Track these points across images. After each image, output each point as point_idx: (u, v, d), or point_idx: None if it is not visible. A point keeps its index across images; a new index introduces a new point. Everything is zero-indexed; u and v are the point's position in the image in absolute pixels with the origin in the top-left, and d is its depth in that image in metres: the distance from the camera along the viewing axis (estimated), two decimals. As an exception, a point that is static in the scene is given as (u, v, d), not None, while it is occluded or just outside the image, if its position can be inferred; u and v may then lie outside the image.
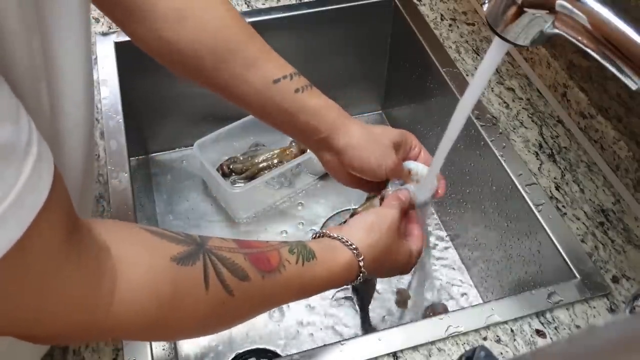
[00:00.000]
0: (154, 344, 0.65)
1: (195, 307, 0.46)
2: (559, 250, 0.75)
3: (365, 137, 0.66)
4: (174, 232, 0.47)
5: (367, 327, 0.90)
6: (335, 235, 0.60)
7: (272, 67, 0.65)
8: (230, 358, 0.87)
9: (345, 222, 0.67)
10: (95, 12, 1.02)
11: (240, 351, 0.88)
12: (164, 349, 0.66)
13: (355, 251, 0.59)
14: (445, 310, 0.91)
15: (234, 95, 0.66)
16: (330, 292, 0.94)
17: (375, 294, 0.91)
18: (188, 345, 0.88)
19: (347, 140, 0.66)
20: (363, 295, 0.86)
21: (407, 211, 0.68)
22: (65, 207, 0.38)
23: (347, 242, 0.59)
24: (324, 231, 0.62)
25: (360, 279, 0.60)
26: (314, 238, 0.62)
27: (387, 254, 0.63)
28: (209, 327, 0.52)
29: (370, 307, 0.90)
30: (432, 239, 1.03)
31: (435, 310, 0.92)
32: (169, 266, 0.44)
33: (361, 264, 0.59)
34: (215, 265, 0.47)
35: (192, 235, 0.48)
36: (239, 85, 0.65)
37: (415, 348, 0.65)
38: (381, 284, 0.95)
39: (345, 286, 0.62)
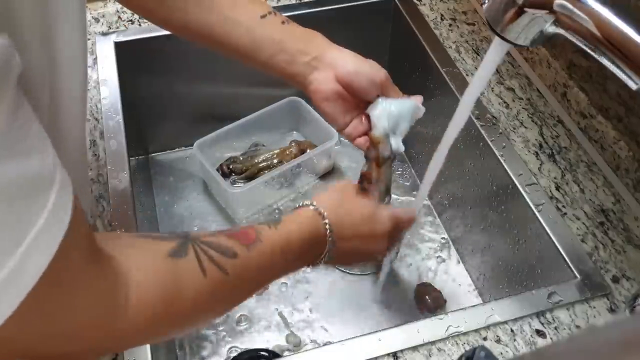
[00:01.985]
0: (153, 344, 0.65)
1: (197, 294, 0.48)
2: (559, 250, 0.74)
3: (356, 57, 0.71)
4: (156, 233, 0.50)
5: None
6: (307, 202, 0.63)
7: (254, 6, 0.70)
8: (230, 358, 0.87)
9: None
10: (95, 12, 1.02)
11: (240, 351, 0.88)
12: (163, 350, 0.65)
13: (313, 205, 0.62)
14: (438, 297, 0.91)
15: (222, 40, 0.69)
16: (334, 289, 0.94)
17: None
18: (188, 345, 0.88)
19: (339, 54, 0.70)
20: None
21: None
22: (85, 226, 0.40)
23: (304, 202, 0.63)
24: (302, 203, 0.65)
25: (329, 232, 0.62)
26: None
27: (351, 211, 0.65)
28: (214, 311, 0.54)
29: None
30: (431, 239, 1.03)
31: (427, 291, 0.92)
32: (167, 262, 0.46)
33: (325, 213, 0.61)
34: (205, 251, 0.49)
35: (179, 232, 0.51)
36: (226, 26, 0.68)
37: (415, 348, 0.65)
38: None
39: (322, 243, 0.62)
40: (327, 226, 0.62)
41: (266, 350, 0.87)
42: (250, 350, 0.86)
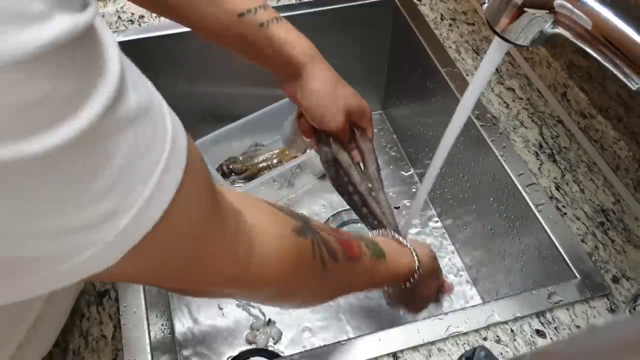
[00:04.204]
0: (153, 344, 0.65)
1: (307, 272, 0.50)
2: (559, 250, 0.74)
3: (325, 88, 0.69)
4: (285, 207, 0.51)
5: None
6: (405, 243, 0.67)
7: (236, 1, 0.66)
8: (231, 358, 0.87)
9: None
10: (95, 12, 1.02)
11: (240, 352, 0.88)
12: (163, 350, 0.66)
13: (416, 260, 0.66)
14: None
15: (201, 29, 0.67)
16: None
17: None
18: (188, 346, 0.88)
19: (308, 83, 0.68)
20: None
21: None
22: (204, 168, 0.38)
23: (413, 250, 0.66)
24: (393, 234, 0.68)
25: (409, 284, 0.67)
26: (378, 234, 0.69)
27: (429, 277, 0.71)
28: (312, 294, 0.56)
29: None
30: (432, 240, 1.03)
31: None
32: (292, 236, 0.48)
33: (417, 273, 0.66)
34: (318, 242, 0.51)
35: (297, 212, 0.52)
36: (205, 18, 0.66)
37: (415, 348, 0.65)
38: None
39: (406, 279, 0.67)
40: (412, 280, 0.66)
41: (266, 350, 0.87)
42: (250, 351, 0.87)
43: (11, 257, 0.28)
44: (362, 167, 0.77)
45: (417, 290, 0.70)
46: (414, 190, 1.10)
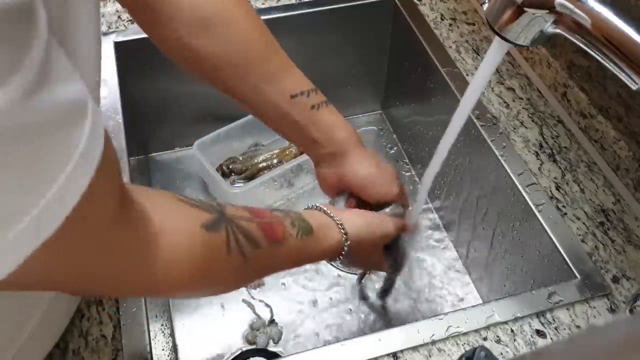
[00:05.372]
0: (153, 344, 0.65)
1: (221, 269, 0.50)
2: (559, 250, 0.74)
3: (374, 167, 0.71)
4: (197, 200, 0.50)
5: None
6: (332, 215, 0.65)
7: (290, 82, 0.67)
8: (230, 359, 0.87)
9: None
10: (95, 12, 1.02)
11: (240, 352, 0.88)
12: (163, 350, 0.66)
13: (345, 236, 0.64)
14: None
15: (251, 106, 0.69)
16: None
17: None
18: (188, 346, 0.88)
19: (356, 167, 0.70)
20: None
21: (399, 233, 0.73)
22: (116, 171, 0.38)
23: (341, 225, 0.64)
24: (322, 207, 0.66)
25: (338, 260, 0.65)
26: (309, 209, 0.67)
27: (367, 246, 0.68)
28: (229, 287, 0.57)
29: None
30: (431, 238, 1.03)
31: None
32: (201, 232, 0.47)
33: (345, 248, 0.64)
34: (235, 233, 0.50)
35: (212, 203, 0.52)
36: (257, 98, 0.67)
37: (415, 348, 0.65)
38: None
39: (336, 252, 0.65)
40: (340, 257, 0.65)
41: (266, 350, 0.87)
42: (250, 351, 0.87)
43: None
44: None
45: (358, 258, 0.69)
46: (413, 189, 1.10)
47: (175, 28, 0.63)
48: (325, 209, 0.65)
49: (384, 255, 0.73)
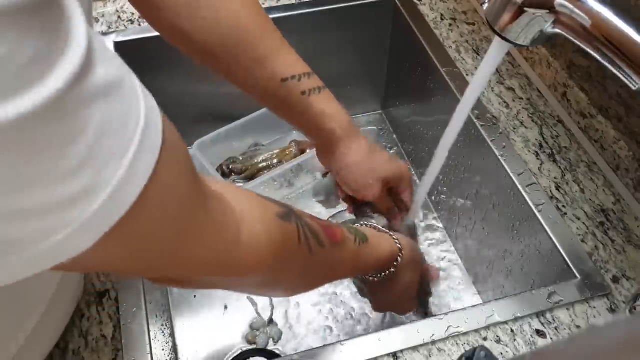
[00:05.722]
0: (153, 344, 0.65)
1: (294, 259, 0.50)
2: (559, 250, 0.74)
3: (360, 162, 0.70)
4: (263, 195, 0.50)
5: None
6: (386, 230, 0.67)
7: (281, 65, 0.66)
8: (231, 359, 0.87)
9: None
10: (95, 12, 1.02)
11: (240, 352, 0.88)
12: (163, 349, 0.66)
13: (398, 244, 0.66)
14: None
15: (245, 89, 0.68)
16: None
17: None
18: (188, 346, 0.88)
19: (344, 157, 0.69)
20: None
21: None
22: (184, 152, 0.37)
23: (393, 235, 0.66)
24: (372, 224, 0.68)
25: (393, 269, 0.66)
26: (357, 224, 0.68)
27: (411, 265, 0.69)
28: (301, 282, 0.57)
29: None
30: (431, 238, 1.03)
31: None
32: (277, 220, 0.47)
33: (400, 256, 0.65)
34: (303, 227, 0.51)
35: (279, 201, 0.52)
36: (248, 79, 0.66)
37: (415, 348, 0.65)
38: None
39: (388, 267, 0.67)
40: (395, 265, 0.66)
41: (266, 350, 0.87)
42: (250, 351, 0.87)
43: None
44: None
45: (400, 281, 0.69)
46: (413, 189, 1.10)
47: (165, 10, 0.63)
48: (376, 224, 0.67)
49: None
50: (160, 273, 0.41)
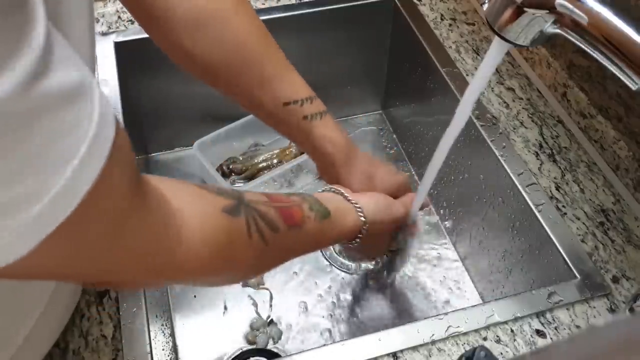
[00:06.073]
0: (153, 344, 0.65)
1: (243, 254, 0.50)
2: (559, 250, 0.74)
3: (361, 184, 0.71)
4: (215, 186, 0.50)
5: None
6: (349, 198, 0.65)
7: (284, 89, 0.66)
8: (230, 359, 0.87)
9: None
10: (95, 12, 1.02)
11: (240, 352, 0.88)
12: (163, 349, 0.66)
13: (363, 219, 0.64)
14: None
15: (247, 108, 0.70)
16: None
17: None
18: (188, 346, 0.88)
19: (345, 183, 0.70)
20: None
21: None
22: (130, 157, 0.37)
23: (359, 209, 0.64)
24: (339, 189, 0.66)
25: (354, 242, 0.66)
26: (323, 190, 0.67)
27: (381, 228, 0.68)
28: (249, 272, 0.57)
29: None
30: (431, 238, 1.03)
31: None
32: (222, 216, 0.47)
33: (364, 229, 0.64)
34: (254, 218, 0.50)
35: (231, 189, 0.51)
36: (251, 100, 0.67)
37: (415, 348, 0.65)
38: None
39: (353, 235, 0.66)
40: (357, 239, 0.65)
41: (266, 350, 0.87)
42: (250, 351, 0.87)
43: None
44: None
45: (369, 242, 0.69)
46: (413, 189, 1.10)
47: (169, 28, 0.62)
48: (342, 191, 0.65)
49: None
50: (96, 279, 0.41)
